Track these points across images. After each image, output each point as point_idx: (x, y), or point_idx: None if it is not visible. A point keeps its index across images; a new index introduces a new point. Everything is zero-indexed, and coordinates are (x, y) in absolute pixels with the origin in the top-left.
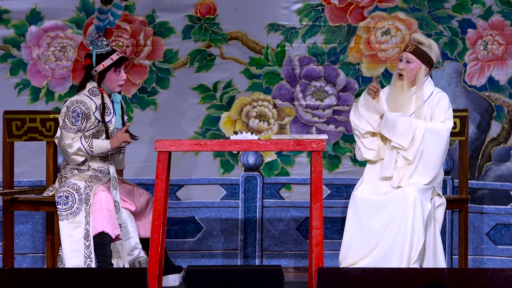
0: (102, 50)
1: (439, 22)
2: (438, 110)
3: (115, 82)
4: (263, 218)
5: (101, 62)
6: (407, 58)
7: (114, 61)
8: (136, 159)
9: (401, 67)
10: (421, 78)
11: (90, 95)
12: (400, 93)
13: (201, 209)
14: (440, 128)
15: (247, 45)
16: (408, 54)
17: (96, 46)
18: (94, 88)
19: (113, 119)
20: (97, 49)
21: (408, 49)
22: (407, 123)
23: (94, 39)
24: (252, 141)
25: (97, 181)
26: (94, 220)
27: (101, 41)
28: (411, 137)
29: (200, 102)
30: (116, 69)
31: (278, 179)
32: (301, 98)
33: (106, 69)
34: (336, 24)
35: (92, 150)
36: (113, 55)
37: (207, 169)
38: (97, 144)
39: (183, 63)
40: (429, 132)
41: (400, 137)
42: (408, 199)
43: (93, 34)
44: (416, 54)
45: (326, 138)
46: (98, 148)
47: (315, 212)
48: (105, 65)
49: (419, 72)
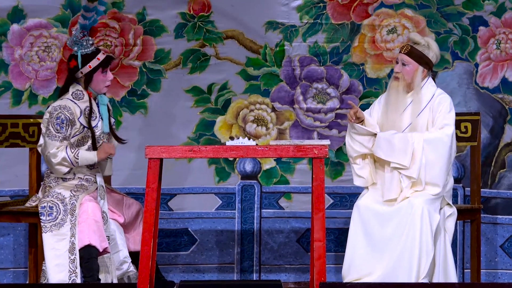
0: (88, 50)
1: (448, 20)
2: (438, 114)
3: (102, 83)
4: (261, 229)
5: (87, 63)
6: (402, 60)
7: (101, 61)
8: (125, 166)
9: (397, 70)
10: (418, 81)
11: (74, 99)
12: (395, 95)
13: (194, 220)
14: (439, 136)
15: (243, 45)
16: (404, 56)
17: (81, 46)
18: (78, 91)
19: (99, 123)
20: (82, 49)
21: (404, 50)
22: (403, 140)
23: (79, 39)
24: (249, 147)
25: (83, 191)
26: (80, 232)
27: (86, 40)
28: (411, 153)
29: (193, 105)
30: (103, 69)
31: (277, 187)
32: (302, 101)
33: (93, 70)
34: (338, 21)
35: (77, 161)
36: (99, 55)
37: (201, 177)
38: (83, 155)
39: (175, 64)
40: (427, 143)
41: (399, 156)
42: (415, 211)
43: (78, 34)
44: (412, 56)
45: (329, 143)
46: (84, 159)
47: (316, 223)
48: (92, 66)
49: (416, 74)
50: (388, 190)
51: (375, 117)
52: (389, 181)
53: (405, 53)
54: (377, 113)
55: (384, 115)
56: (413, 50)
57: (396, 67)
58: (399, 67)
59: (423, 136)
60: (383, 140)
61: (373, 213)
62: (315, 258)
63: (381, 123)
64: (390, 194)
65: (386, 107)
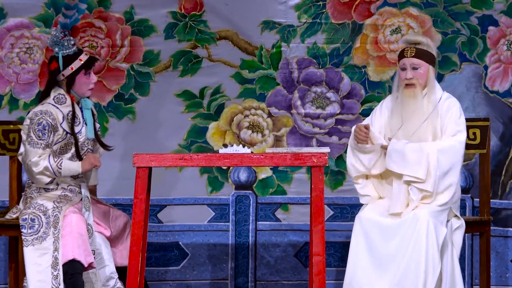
0: (69, 51)
1: (456, 19)
2: (449, 120)
3: (85, 86)
4: (256, 243)
5: (69, 64)
6: (412, 65)
7: (84, 62)
8: (111, 175)
9: (410, 77)
10: (433, 79)
11: (56, 103)
12: (412, 101)
13: (185, 233)
14: (452, 144)
15: (238, 46)
16: (412, 60)
17: (63, 46)
18: (60, 95)
19: (83, 129)
20: (63, 50)
21: (409, 54)
22: (417, 151)
23: (60, 39)
24: (244, 155)
25: (67, 202)
26: (64, 246)
27: (68, 40)
28: (426, 166)
29: (184, 110)
30: (86, 71)
31: (273, 198)
32: (300, 105)
33: (75, 72)
34: (339, 21)
35: (60, 172)
36: (81, 56)
37: (193, 187)
38: (66, 165)
39: (165, 66)
40: (442, 153)
41: (414, 168)
42: (420, 224)
43: (58, 34)
44: (421, 57)
45: (328, 151)
46: (68, 170)
47: (316, 236)
48: (75, 68)
49: (429, 75)
50: (395, 203)
51: (376, 127)
52: (397, 194)
53: (412, 56)
54: (379, 122)
55: (389, 125)
56: (419, 51)
57: (407, 74)
58: (410, 73)
59: (436, 146)
60: (394, 152)
61: (376, 226)
62: (314, 273)
63: (384, 132)
64: (396, 207)
65: (397, 118)
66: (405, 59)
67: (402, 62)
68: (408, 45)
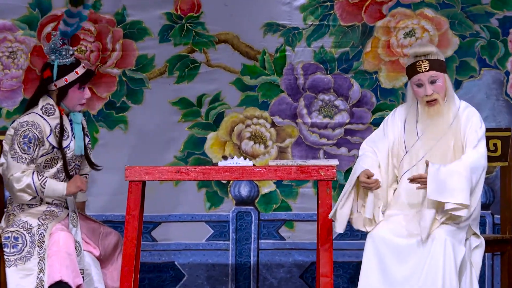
0: (66, 61)
1: (475, 21)
2: (469, 131)
3: (77, 100)
4: (258, 263)
5: (64, 75)
6: (430, 78)
7: (80, 76)
8: (102, 190)
9: (430, 93)
10: (451, 88)
11: (44, 114)
12: (438, 119)
13: (182, 252)
14: (477, 158)
15: (238, 50)
16: (429, 73)
17: (60, 55)
18: (49, 106)
19: (71, 144)
20: (60, 59)
21: (423, 68)
22: (456, 176)
23: (58, 47)
24: (245, 168)
25: (52, 218)
26: (50, 267)
27: (66, 50)
28: (469, 189)
29: (181, 120)
30: (81, 85)
31: (277, 215)
32: (306, 114)
33: (69, 85)
34: (348, 23)
35: (43, 191)
36: (78, 68)
37: (190, 203)
38: (51, 185)
39: (160, 72)
40: (472, 171)
41: (458, 195)
42: (437, 243)
43: (57, 41)
44: (435, 68)
45: (337, 164)
46: (51, 190)
47: (323, 256)
48: (69, 80)
49: (447, 84)
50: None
51: (391, 138)
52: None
53: (427, 71)
54: (392, 134)
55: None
56: (432, 62)
57: (427, 90)
58: (430, 89)
59: (469, 164)
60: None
61: (391, 246)
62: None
63: (398, 147)
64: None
65: (413, 131)
66: (420, 74)
67: (416, 78)
68: (418, 58)
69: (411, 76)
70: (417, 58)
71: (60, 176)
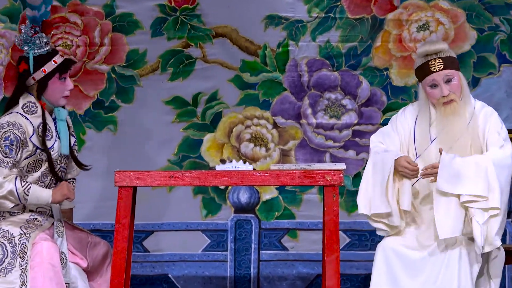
0: (41, 50)
1: (494, 13)
2: (489, 132)
3: (59, 92)
4: (259, 275)
5: (41, 66)
6: (445, 77)
7: (59, 65)
8: (89, 197)
9: (447, 93)
10: (467, 86)
11: (26, 113)
12: (455, 119)
13: (176, 264)
14: (503, 157)
15: (237, 44)
16: (444, 72)
17: (34, 45)
18: (30, 104)
19: (56, 144)
20: (34, 50)
21: (437, 67)
22: (472, 165)
23: (30, 36)
24: (245, 173)
25: (36, 227)
26: (33, 279)
27: (40, 38)
28: (486, 180)
29: (175, 120)
30: (61, 75)
31: (279, 223)
32: (310, 115)
33: (48, 76)
34: (356, 16)
35: (26, 198)
36: (56, 57)
37: (185, 211)
38: (35, 192)
39: (152, 69)
40: (497, 167)
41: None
42: (451, 253)
43: (28, 30)
44: (449, 66)
45: (344, 168)
46: (35, 198)
47: (329, 268)
48: (47, 71)
49: (463, 82)
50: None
51: (401, 135)
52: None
53: (441, 70)
54: (403, 132)
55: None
56: (446, 60)
57: (443, 90)
58: (446, 89)
59: (492, 159)
60: (446, 169)
61: (402, 259)
62: None
63: (408, 148)
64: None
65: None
66: (434, 74)
67: (430, 79)
68: (429, 57)
69: (423, 77)
70: (428, 57)
71: (45, 181)
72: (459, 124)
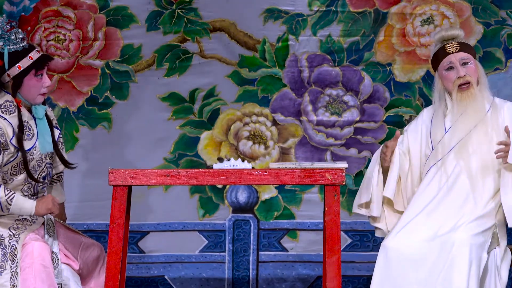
0: (17, 46)
1: (501, 7)
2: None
3: (35, 90)
4: (258, 277)
5: (16, 62)
6: (461, 60)
7: (35, 61)
8: (82, 196)
9: (463, 74)
10: (485, 76)
11: (4, 113)
12: (471, 104)
13: (172, 265)
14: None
15: (236, 39)
16: (459, 54)
17: (9, 40)
18: (7, 103)
19: (37, 143)
20: (10, 45)
21: (453, 49)
22: None
23: (6, 31)
24: (243, 172)
25: (25, 228)
26: (24, 281)
27: (15, 33)
28: None
29: (171, 117)
30: (37, 72)
31: (279, 223)
32: (311, 111)
33: (24, 73)
34: (359, 9)
35: (8, 208)
36: (32, 53)
37: (181, 210)
38: (18, 202)
39: (147, 64)
40: None
41: None
42: (457, 248)
43: (3, 25)
44: (465, 50)
45: (346, 167)
46: (18, 208)
47: (330, 269)
48: (23, 67)
49: (480, 71)
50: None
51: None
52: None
53: (458, 52)
54: (420, 136)
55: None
56: (462, 44)
57: (460, 71)
58: (462, 70)
59: None
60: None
61: (406, 258)
62: None
63: (425, 149)
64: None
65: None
66: (451, 55)
67: (447, 60)
68: (446, 42)
69: (439, 62)
70: (444, 42)
71: (31, 182)
72: (476, 111)
